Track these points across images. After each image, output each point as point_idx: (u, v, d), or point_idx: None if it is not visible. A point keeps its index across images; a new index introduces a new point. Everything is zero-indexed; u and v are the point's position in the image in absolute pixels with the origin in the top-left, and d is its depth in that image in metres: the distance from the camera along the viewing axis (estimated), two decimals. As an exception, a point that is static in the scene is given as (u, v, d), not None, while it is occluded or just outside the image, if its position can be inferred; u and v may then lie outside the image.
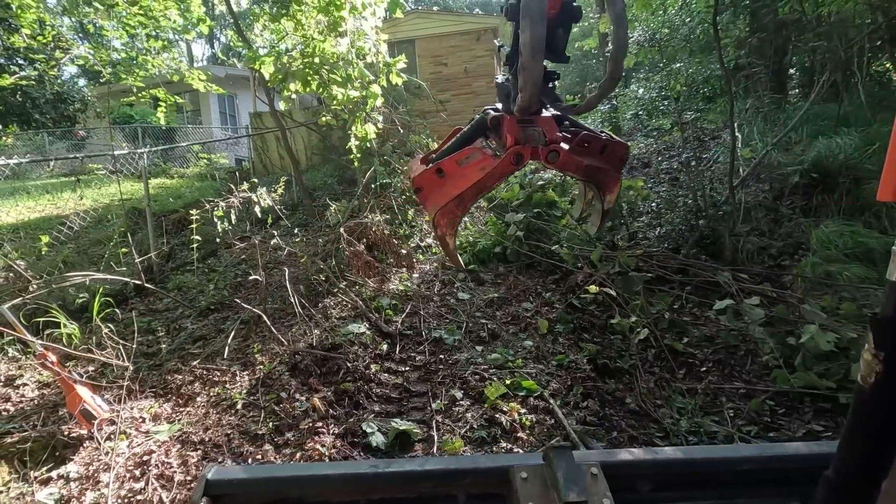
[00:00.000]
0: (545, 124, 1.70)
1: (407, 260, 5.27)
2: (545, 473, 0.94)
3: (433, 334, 4.73)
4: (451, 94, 13.16)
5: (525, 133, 1.65)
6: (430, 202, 1.67)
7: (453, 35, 12.86)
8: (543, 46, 1.42)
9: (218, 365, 4.11)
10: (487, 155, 1.69)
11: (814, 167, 5.29)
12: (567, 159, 1.67)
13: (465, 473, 0.99)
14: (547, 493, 0.91)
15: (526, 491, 0.92)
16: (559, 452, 0.95)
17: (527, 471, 0.94)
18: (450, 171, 1.68)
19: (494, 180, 1.71)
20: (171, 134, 18.73)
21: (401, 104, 8.86)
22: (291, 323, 4.82)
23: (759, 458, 1.05)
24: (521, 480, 0.93)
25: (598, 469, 0.94)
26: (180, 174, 14.87)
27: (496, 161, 1.64)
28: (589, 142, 1.77)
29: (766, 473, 1.04)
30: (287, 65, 6.45)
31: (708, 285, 4.98)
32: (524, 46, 1.40)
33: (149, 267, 5.70)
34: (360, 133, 7.16)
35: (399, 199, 7.13)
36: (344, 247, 4.90)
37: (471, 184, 1.62)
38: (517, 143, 1.63)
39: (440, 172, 1.67)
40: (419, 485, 0.98)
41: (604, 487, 0.91)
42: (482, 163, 1.65)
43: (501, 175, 1.73)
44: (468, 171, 1.66)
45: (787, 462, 1.05)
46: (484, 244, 6.15)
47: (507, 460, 0.99)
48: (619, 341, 4.55)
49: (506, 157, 1.61)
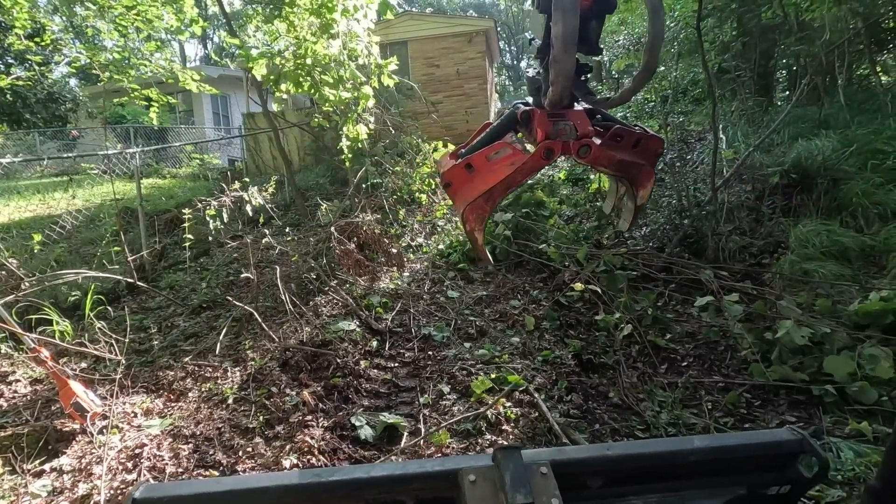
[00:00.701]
0: (577, 118, 1.70)
1: (397, 259, 5.36)
2: (494, 475, 0.93)
3: (422, 331, 4.82)
4: (443, 95, 13.25)
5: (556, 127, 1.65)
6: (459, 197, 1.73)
7: (445, 37, 12.97)
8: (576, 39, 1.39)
9: (209, 361, 4.18)
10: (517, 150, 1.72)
11: (794, 168, 5.44)
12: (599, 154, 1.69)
13: (412, 478, 0.96)
14: (496, 496, 0.90)
15: (474, 494, 0.90)
16: (508, 453, 0.94)
17: (475, 473, 0.93)
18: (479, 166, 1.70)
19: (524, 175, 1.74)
20: (163, 134, 18.70)
21: (392, 105, 8.95)
22: (283, 320, 4.89)
23: (707, 449, 1.06)
24: (470, 483, 0.92)
25: (548, 468, 0.94)
26: (173, 174, 14.86)
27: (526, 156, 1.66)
28: (622, 136, 1.80)
29: (713, 464, 1.07)
30: (280, 66, 6.53)
31: (690, 283, 5.11)
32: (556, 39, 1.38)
33: (141, 266, 5.75)
34: (351, 134, 7.25)
35: (390, 199, 7.21)
36: (335, 246, 4.97)
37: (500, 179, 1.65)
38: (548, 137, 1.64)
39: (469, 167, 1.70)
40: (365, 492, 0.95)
41: (553, 486, 0.91)
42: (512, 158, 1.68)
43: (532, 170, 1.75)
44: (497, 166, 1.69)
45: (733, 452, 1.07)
46: (473, 243, 6.25)
47: (456, 463, 0.97)
48: (603, 337, 4.65)
49: (536, 152, 1.63)
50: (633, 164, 1.86)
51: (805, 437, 1.05)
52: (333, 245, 5.00)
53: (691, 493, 1.07)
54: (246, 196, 4.65)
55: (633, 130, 1.85)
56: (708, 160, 6.22)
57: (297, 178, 10.94)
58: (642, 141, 1.84)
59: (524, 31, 42.76)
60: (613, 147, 1.79)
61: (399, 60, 13.67)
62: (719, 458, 1.06)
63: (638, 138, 1.83)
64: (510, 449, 0.95)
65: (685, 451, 1.06)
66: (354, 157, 7.26)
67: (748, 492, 1.07)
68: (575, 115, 1.74)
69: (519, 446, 0.98)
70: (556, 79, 1.53)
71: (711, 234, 5.16)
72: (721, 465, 1.07)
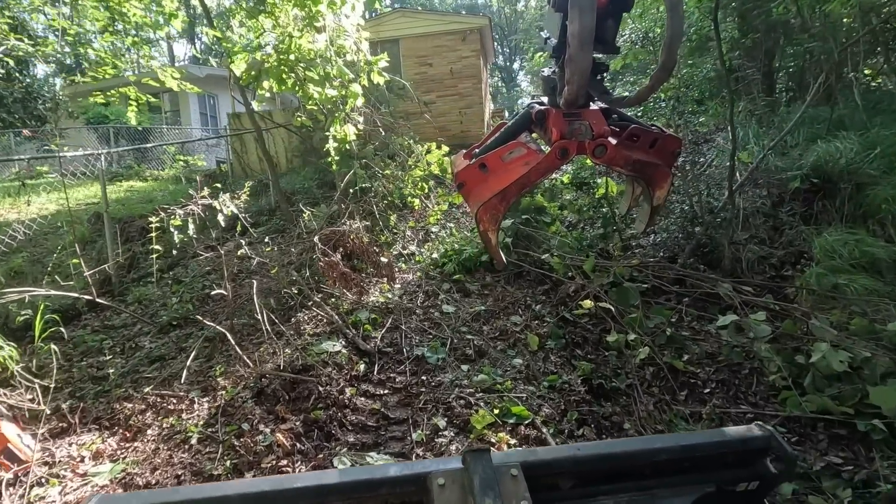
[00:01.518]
0: (592, 118, 1.67)
1: (387, 270, 4.91)
2: (463, 478, 0.91)
3: (415, 352, 4.37)
4: (437, 95, 12.82)
5: (571, 127, 1.65)
6: (473, 197, 1.71)
7: (439, 35, 12.53)
8: (593, 37, 1.38)
9: (174, 390, 3.70)
10: (532, 150, 1.71)
11: (814, 172, 5.06)
12: (615, 154, 1.65)
13: (379, 483, 0.94)
14: (465, 499, 0.88)
15: (444, 498, 0.89)
16: (477, 456, 0.93)
17: (445, 476, 0.92)
18: (493, 166, 1.68)
19: (539, 175, 1.70)
20: (146, 135, 18.09)
21: (383, 105, 8.52)
22: (261, 340, 4.42)
23: (676, 447, 1.07)
24: (439, 487, 0.90)
25: (518, 470, 0.93)
26: (155, 176, 14.29)
27: (541, 156, 1.65)
28: (638, 136, 1.76)
29: (683, 462, 1.07)
30: (261, 62, 6.06)
31: (707, 297, 4.71)
32: (572, 37, 1.38)
33: (106, 279, 5.25)
34: (338, 134, 6.79)
35: (381, 204, 6.76)
36: (318, 257, 4.52)
37: (514, 179, 1.63)
38: (563, 137, 1.63)
39: (483, 167, 1.68)
40: (331, 499, 0.92)
41: (523, 489, 0.90)
42: (526, 158, 1.67)
43: (546, 170, 1.72)
44: (512, 166, 1.68)
45: (702, 450, 1.07)
46: (470, 252, 5.82)
47: (425, 466, 0.96)
48: (614, 358, 4.24)
49: (551, 152, 1.62)
50: (650, 164, 1.81)
51: (773, 433, 1.06)
52: (317, 256, 4.54)
53: (661, 492, 1.08)
54: (217, 204, 4.17)
55: (649, 130, 1.81)
56: (718, 163, 5.84)
57: (283, 180, 10.46)
58: (659, 141, 1.79)
59: (516, 32, 42.55)
60: (630, 147, 1.75)
61: (390, 59, 13.20)
62: (688, 456, 1.07)
63: (655, 138, 1.79)
64: (479, 451, 0.94)
65: (655, 451, 1.06)
66: (342, 159, 6.81)
67: (717, 489, 1.08)
68: (591, 115, 1.72)
69: (487, 448, 0.96)
70: (572, 77, 1.53)
71: (728, 243, 4.77)
72: (690, 463, 1.08)
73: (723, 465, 1.09)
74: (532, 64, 30.35)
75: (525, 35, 38.13)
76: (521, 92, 44.85)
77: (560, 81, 1.72)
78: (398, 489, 0.94)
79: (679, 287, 4.84)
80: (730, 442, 1.10)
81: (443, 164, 7.09)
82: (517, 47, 44.69)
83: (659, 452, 1.06)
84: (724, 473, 1.09)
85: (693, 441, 1.13)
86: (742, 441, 1.08)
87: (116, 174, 14.24)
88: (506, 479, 0.91)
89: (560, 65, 1.74)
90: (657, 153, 1.83)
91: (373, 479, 0.94)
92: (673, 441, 1.12)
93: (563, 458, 1.04)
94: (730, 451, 1.08)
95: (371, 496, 0.93)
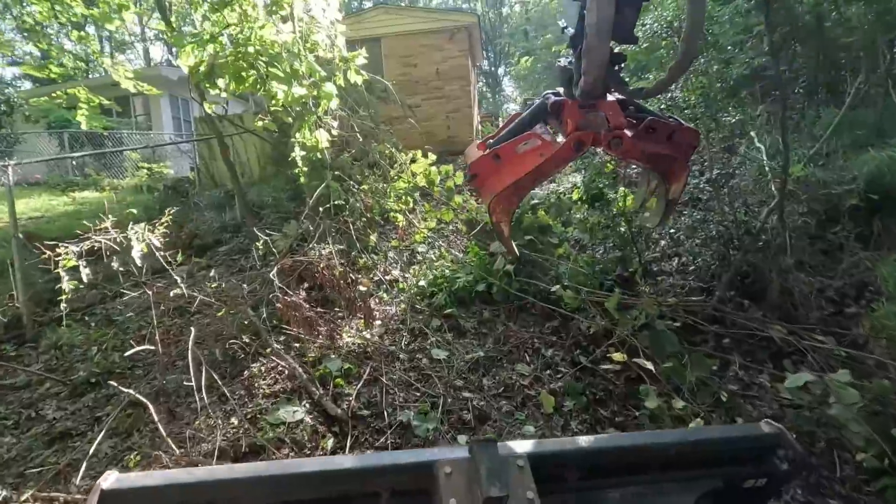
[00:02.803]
0: (609, 109, 1.70)
1: (364, 307, 3.99)
2: (470, 468, 0.92)
3: (399, 416, 3.45)
4: (422, 98, 11.94)
5: (587, 119, 1.69)
6: (486, 189, 1.79)
7: (424, 33, 11.66)
8: (611, 27, 1.45)
9: (69, 491, 2.71)
10: (547, 141, 1.76)
11: (869, 187, 4.29)
12: (630, 146, 1.69)
13: (386, 470, 0.97)
14: (471, 488, 0.89)
15: (450, 486, 0.90)
16: (484, 446, 0.94)
17: (451, 465, 0.93)
18: (507, 156, 1.76)
19: (553, 167, 1.79)
20: (110, 140, 16.87)
21: (362, 108, 7.62)
22: (202, 405, 3.45)
23: (684, 442, 1.08)
24: (446, 475, 0.92)
25: (525, 461, 0.95)
26: (114, 186, 13.13)
27: (555, 147, 1.71)
28: (655, 128, 1.74)
29: (690, 457, 1.08)
30: (214, 55, 5.12)
31: (751, 336, 3.89)
32: (590, 27, 1.46)
33: (15, 319, 4.23)
34: (308, 141, 5.85)
35: (359, 222, 5.83)
36: (277, 295, 3.59)
37: (528, 170, 1.71)
38: (578, 129, 1.68)
39: (497, 158, 1.76)
40: (338, 484, 0.96)
41: (529, 480, 0.92)
42: (541, 149, 1.73)
43: (562, 162, 1.80)
44: (526, 157, 1.74)
45: (710, 445, 1.09)
46: (464, 280, 4.92)
47: (432, 455, 0.98)
48: (648, 419, 3.38)
49: (566, 144, 1.69)
50: (667, 156, 1.80)
51: (782, 430, 1.07)
52: (276, 293, 3.62)
53: (668, 486, 1.09)
54: (133, 238, 3.19)
55: (667, 122, 1.79)
56: (742, 173, 5.05)
57: (254, 191, 9.46)
58: (676, 133, 1.77)
59: (501, 36, 42.02)
60: (646, 139, 1.73)
61: (372, 59, 12.26)
62: (696, 451, 1.08)
63: (672, 130, 1.77)
64: (486, 441, 0.95)
65: (663, 445, 1.08)
66: (313, 170, 5.86)
67: (725, 485, 1.09)
68: (607, 107, 1.70)
69: (494, 439, 0.98)
70: (590, 68, 1.56)
71: (775, 271, 3.96)
72: (698, 458, 1.09)
73: (731, 461, 1.09)
74: (518, 68, 29.74)
75: (511, 39, 37.60)
76: (506, 97, 44.30)
77: (576, 72, 1.70)
78: (405, 476, 0.95)
79: (718, 327, 4.01)
80: (739, 438, 1.11)
81: (430, 175, 6.20)
82: (502, 52, 44.19)
83: (667, 447, 1.06)
84: (732, 470, 1.09)
85: (701, 436, 1.15)
86: (751, 438, 1.09)
87: (71, 183, 13.04)
88: (512, 470, 0.92)
89: (577, 55, 1.71)
90: (674, 146, 1.80)
91: (380, 466, 0.97)
92: (681, 436, 1.14)
93: (571, 449, 1.06)
94: (738, 448, 1.09)
95: (378, 482, 0.95)
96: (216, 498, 0.92)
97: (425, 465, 0.94)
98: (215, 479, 0.93)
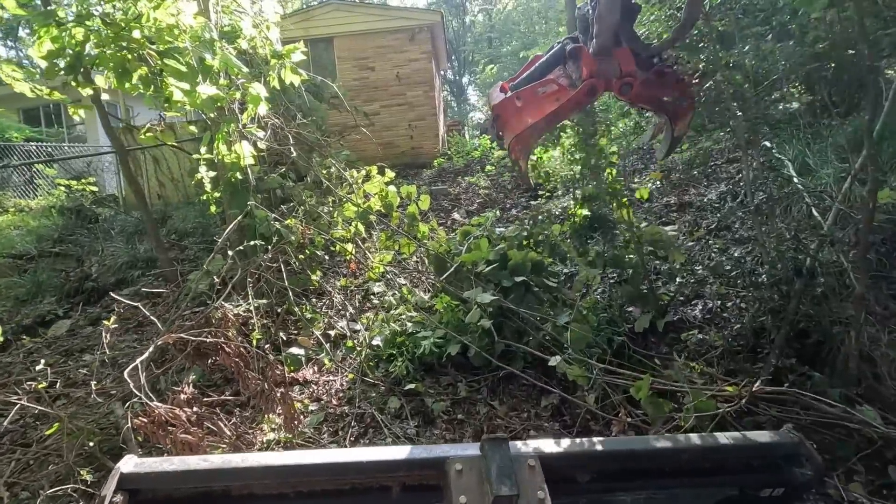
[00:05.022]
0: (622, 56, 1.87)
1: (285, 407, 2.69)
2: (481, 465, 0.92)
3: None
4: (381, 105, 10.71)
5: (601, 66, 1.86)
6: (508, 129, 1.95)
7: (381, 32, 10.45)
8: None
9: None
10: (563, 86, 1.93)
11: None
12: (640, 91, 1.90)
13: (398, 465, 0.97)
14: (481, 486, 0.90)
15: (460, 483, 0.91)
16: (495, 444, 0.94)
17: (462, 462, 0.93)
18: (527, 99, 1.92)
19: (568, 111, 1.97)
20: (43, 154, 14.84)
21: (305, 115, 6.33)
22: None
23: (699, 448, 1.07)
24: (456, 472, 0.92)
25: (536, 461, 0.95)
26: (21, 207, 11.27)
27: (571, 92, 1.88)
28: (664, 73, 2.01)
29: (704, 463, 1.07)
30: (82, 41, 3.75)
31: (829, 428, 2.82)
32: None
33: None
34: (226, 157, 4.52)
35: (296, 260, 4.53)
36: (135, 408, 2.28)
37: (545, 114, 1.88)
38: (592, 76, 1.85)
39: (518, 99, 1.92)
40: (350, 476, 0.96)
41: (540, 479, 0.92)
42: (557, 94, 1.91)
43: (576, 106, 1.98)
44: (544, 101, 1.90)
45: (726, 452, 1.08)
46: (430, 341, 3.70)
47: (443, 451, 0.97)
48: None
49: (580, 89, 1.85)
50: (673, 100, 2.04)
51: (802, 440, 1.07)
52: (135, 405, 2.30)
53: (681, 492, 1.10)
54: None
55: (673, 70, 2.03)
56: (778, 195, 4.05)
57: (179, 214, 7.98)
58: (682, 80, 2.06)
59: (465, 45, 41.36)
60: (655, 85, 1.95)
61: (323, 61, 10.88)
62: (711, 458, 1.08)
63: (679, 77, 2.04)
64: (498, 440, 0.96)
65: (676, 450, 1.07)
66: (234, 193, 4.53)
67: (740, 493, 1.09)
68: (620, 54, 1.86)
69: (506, 438, 0.97)
70: (601, 31, 1.79)
71: (853, 333, 2.93)
72: (713, 465, 1.08)
73: (748, 469, 1.07)
74: (483, 76, 28.98)
75: (475, 47, 37.05)
76: (472, 106, 43.60)
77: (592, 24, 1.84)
78: (416, 472, 0.97)
79: (780, 409, 2.92)
80: (756, 446, 1.09)
81: (387, 196, 4.97)
82: (466, 60, 43.59)
83: (681, 452, 1.06)
84: (749, 478, 1.07)
85: (717, 443, 1.10)
86: (769, 446, 1.08)
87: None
88: (523, 469, 0.92)
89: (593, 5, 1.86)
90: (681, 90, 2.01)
91: (391, 461, 0.97)
92: (696, 442, 1.11)
93: (582, 451, 1.05)
94: (756, 456, 1.07)
95: (389, 476, 0.96)
96: (231, 486, 0.95)
97: (437, 461, 0.95)
98: (231, 468, 0.95)
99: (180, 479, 0.92)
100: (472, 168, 10.27)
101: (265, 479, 0.94)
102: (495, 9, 35.49)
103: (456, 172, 10.05)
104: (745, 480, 1.06)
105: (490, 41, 35.13)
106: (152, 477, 0.90)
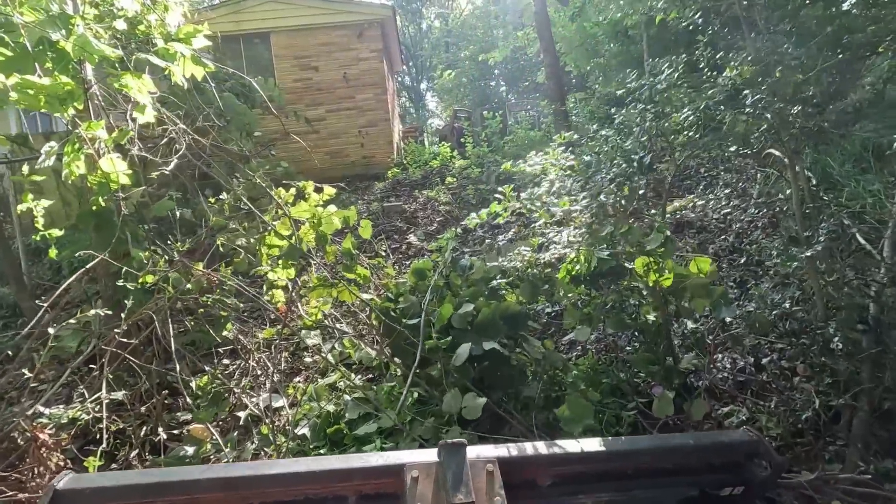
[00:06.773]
0: None
1: None
2: (438, 472, 0.91)
3: None
4: (326, 109, 9.53)
5: None
6: None
7: (325, 28, 9.29)
8: None
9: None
10: None
11: None
12: None
13: (354, 473, 0.95)
14: (438, 493, 0.88)
15: (416, 491, 0.89)
16: (452, 450, 0.93)
17: (419, 469, 0.92)
18: None
19: None
20: None
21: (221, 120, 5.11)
22: None
23: (658, 449, 1.10)
24: (413, 480, 0.91)
25: (495, 466, 0.95)
26: None
27: None
28: None
29: (664, 464, 1.06)
30: None
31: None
32: None
33: None
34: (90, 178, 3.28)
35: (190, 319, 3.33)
36: None
37: None
38: None
39: None
40: (304, 486, 0.92)
41: (498, 485, 0.91)
42: None
43: None
44: None
45: (685, 452, 1.09)
46: (376, 437, 2.60)
47: (400, 458, 0.99)
48: None
49: None
50: None
51: (760, 438, 1.07)
52: None
53: (641, 493, 1.08)
54: None
55: None
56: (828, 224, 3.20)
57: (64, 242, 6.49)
58: None
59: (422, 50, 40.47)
60: None
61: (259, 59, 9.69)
62: (671, 458, 1.07)
63: None
64: (455, 445, 0.95)
65: (636, 451, 1.09)
66: (101, 227, 3.29)
67: (700, 493, 1.08)
68: None
69: (464, 443, 0.96)
70: None
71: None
72: (673, 465, 1.07)
73: (707, 469, 1.07)
74: (441, 82, 28.15)
75: (432, 52, 36.27)
76: (430, 112, 42.74)
77: None
78: (372, 480, 0.95)
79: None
80: (715, 446, 1.12)
81: (319, 223, 3.84)
82: (424, 66, 42.72)
83: (640, 454, 1.07)
84: (709, 478, 1.07)
85: (677, 444, 1.15)
86: (728, 445, 1.10)
87: None
88: (481, 475, 0.92)
89: None
90: None
91: (347, 469, 0.96)
92: (656, 442, 1.18)
93: (542, 455, 1.06)
94: (715, 455, 1.08)
95: (345, 486, 0.93)
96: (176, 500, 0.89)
97: (394, 468, 0.94)
98: (175, 481, 0.91)
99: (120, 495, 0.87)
100: (431, 180, 9.26)
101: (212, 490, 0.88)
102: (452, 14, 34.83)
103: (412, 185, 9.01)
104: (706, 480, 1.05)
105: (447, 46, 34.53)
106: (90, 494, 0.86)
